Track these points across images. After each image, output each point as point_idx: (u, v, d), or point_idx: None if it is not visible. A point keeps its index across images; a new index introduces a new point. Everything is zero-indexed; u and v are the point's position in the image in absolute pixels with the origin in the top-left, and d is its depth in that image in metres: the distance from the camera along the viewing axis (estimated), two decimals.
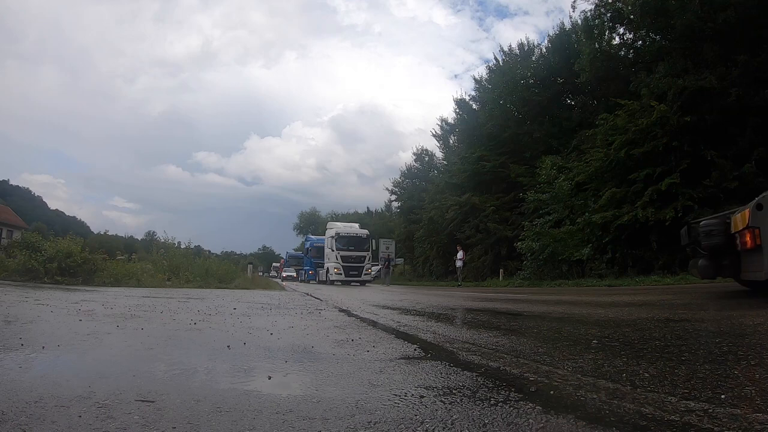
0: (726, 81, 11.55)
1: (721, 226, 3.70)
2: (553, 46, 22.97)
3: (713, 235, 3.76)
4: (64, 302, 4.94)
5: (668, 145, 12.28)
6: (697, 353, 1.96)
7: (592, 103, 20.13)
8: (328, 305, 5.82)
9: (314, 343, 2.55)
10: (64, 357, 2.13)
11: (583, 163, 15.33)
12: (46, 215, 65.99)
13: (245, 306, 5.26)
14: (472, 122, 26.52)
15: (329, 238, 22.71)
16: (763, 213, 3.38)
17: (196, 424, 1.18)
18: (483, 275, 21.76)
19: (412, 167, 40.16)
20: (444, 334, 2.88)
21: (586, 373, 1.68)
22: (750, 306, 3.59)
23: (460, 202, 24.28)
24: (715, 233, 3.75)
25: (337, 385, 1.62)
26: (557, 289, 10.95)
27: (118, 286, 10.02)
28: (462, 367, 1.89)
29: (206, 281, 11.91)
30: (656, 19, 13.40)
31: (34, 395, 1.39)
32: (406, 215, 36.08)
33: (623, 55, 16.94)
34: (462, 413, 1.27)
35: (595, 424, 1.15)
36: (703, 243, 3.93)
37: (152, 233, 43.47)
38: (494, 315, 4.26)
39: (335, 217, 52.58)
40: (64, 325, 3.14)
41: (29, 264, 10.34)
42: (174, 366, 1.91)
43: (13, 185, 76.30)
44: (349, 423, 1.20)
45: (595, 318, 3.41)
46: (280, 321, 3.73)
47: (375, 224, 40.94)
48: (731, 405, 1.25)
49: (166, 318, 3.74)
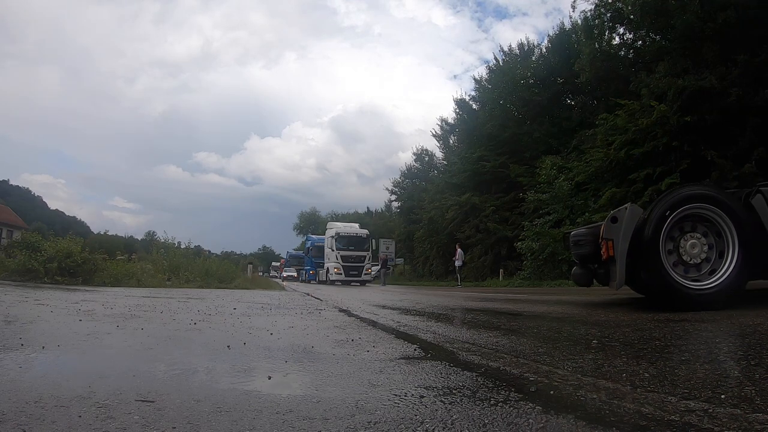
0: (726, 81, 11.55)
1: (590, 236, 3.85)
2: (553, 46, 23.00)
3: (581, 244, 3.93)
4: (64, 302, 4.94)
5: (668, 145, 12.30)
6: (697, 353, 1.96)
7: (592, 103, 20.15)
8: (328, 305, 5.82)
9: (314, 343, 2.55)
10: (64, 357, 2.12)
11: (583, 163, 15.35)
12: (46, 215, 66.11)
13: (245, 306, 5.26)
14: (472, 122, 26.55)
15: (329, 238, 22.75)
16: (617, 226, 3.50)
17: (196, 424, 1.18)
18: (483, 275, 21.77)
19: (412, 167, 40.22)
20: (444, 334, 2.88)
21: (586, 373, 1.68)
22: (750, 306, 3.59)
23: (460, 202, 24.30)
24: (582, 243, 3.91)
25: (337, 385, 1.62)
26: (557, 289, 10.95)
27: (118, 286, 10.02)
28: (462, 367, 1.89)
29: (206, 281, 11.92)
30: (656, 19, 13.40)
31: (34, 395, 1.39)
32: (406, 215, 36.12)
33: (623, 55, 16.96)
34: (462, 413, 1.27)
35: (595, 424, 1.15)
36: (573, 252, 4.09)
37: (152, 233, 43.53)
38: (494, 315, 4.26)
39: (335, 217, 52.63)
40: (64, 325, 3.14)
41: (29, 264, 10.34)
42: (174, 366, 1.91)
43: (13, 185, 76.47)
44: (349, 423, 1.20)
45: (595, 318, 3.40)
46: (280, 321, 3.73)
47: (375, 224, 40.96)
48: (731, 405, 1.24)
49: (166, 318, 3.74)
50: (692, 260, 3.48)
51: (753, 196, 3.46)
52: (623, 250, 3.43)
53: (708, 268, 3.49)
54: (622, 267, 3.42)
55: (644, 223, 3.46)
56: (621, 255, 3.44)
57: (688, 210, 3.48)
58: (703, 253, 3.49)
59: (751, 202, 3.45)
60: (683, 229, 3.56)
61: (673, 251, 3.51)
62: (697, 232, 3.53)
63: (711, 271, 3.47)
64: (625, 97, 13.85)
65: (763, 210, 3.40)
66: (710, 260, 3.49)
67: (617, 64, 16.53)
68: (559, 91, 22.41)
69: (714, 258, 3.50)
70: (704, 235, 3.52)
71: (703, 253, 3.49)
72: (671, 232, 3.52)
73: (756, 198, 3.45)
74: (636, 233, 3.47)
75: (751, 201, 3.46)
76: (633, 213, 3.51)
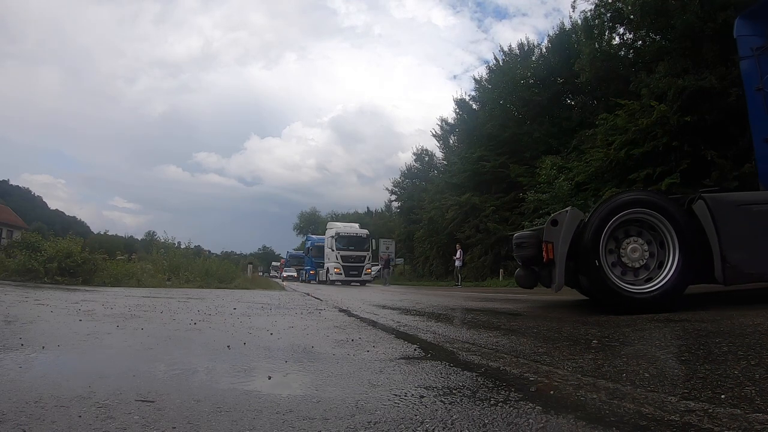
0: (726, 81, 11.53)
1: (533, 238, 3.89)
2: (553, 46, 22.97)
3: (524, 247, 3.96)
4: (64, 302, 4.94)
5: (668, 145, 12.28)
6: (697, 353, 1.96)
7: (592, 103, 20.13)
8: (328, 305, 5.82)
9: (314, 343, 2.55)
10: (64, 357, 2.13)
11: (583, 163, 15.33)
12: (46, 215, 66.09)
13: (245, 306, 5.26)
14: (472, 122, 26.51)
15: (329, 238, 22.75)
16: (557, 229, 3.54)
17: (196, 424, 1.18)
18: (483, 275, 21.75)
19: (412, 167, 40.17)
20: (444, 334, 2.88)
21: (586, 373, 1.68)
22: (750, 306, 3.59)
23: (460, 202, 24.27)
24: (525, 245, 3.94)
25: (337, 385, 1.62)
26: None
27: (118, 286, 10.02)
28: (462, 367, 1.89)
29: (206, 281, 11.92)
30: (656, 19, 13.39)
31: (34, 395, 1.39)
32: (406, 215, 36.08)
33: (623, 55, 16.94)
34: (462, 413, 1.27)
35: (595, 424, 1.15)
36: (516, 254, 4.12)
37: (152, 233, 43.46)
38: (494, 315, 4.26)
39: (335, 217, 52.59)
40: (64, 325, 3.14)
41: (29, 264, 10.34)
42: (174, 366, 1.91)
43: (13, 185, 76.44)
44: (349, 423, 1.20)
45: (595, 318, 3.40)
46: (280, 321, 3.73)
47: (375, 224, 40.93)
48: (731, 405, 1.25)
49: (166, 318, 3.74)
50: (632, 264, 3.53)
51: (695, 203, 3.51)
52: (563, 253, 3.48)
53: (647, 273, 3.54)
54: (562, 269, 3.47)
55: (585, 227, 3.50)
56: (561, 258, 3.48)
57: (628, 215, 3.52)
58: (644, 258, 3.53)
59: (693, 209, 3.50)
60: (628, 233, 3.60)
61: (614, 254, 3.55)
62: (641, 237, 3.57)
63: (650, 277, 3.52)
64: (625, 97, 13.83)
65: (704, 216, 3.44)
66: (649, 267, 3.54)
67: (617, 64, 16.51)
68: (559, 91, 22.39)
69: (655, 263, 3.54)
70: (647, 242, 3.56)
71: (643, 258, 3.53)
72: (615, 235, 3.57)
73: (698, 204, 3.49)
74: (577, 237, 3.51)
75: (693, 207, 3.51)
76: (573, 217, 3.56)
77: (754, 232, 3.46)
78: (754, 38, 5.69)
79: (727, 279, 3.36)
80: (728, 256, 3.35)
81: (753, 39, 5.71)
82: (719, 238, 3.36)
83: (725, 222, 3.42)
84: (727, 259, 3.35)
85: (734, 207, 3.54)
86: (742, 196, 4.09)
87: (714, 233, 3.38)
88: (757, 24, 5.70)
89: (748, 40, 5.79)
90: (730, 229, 3.41)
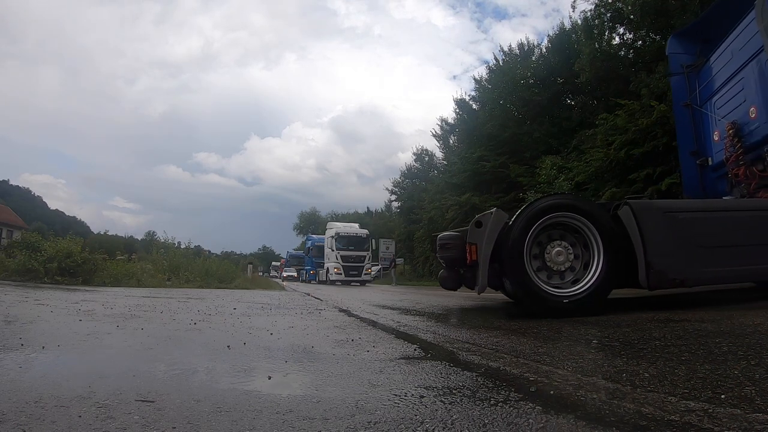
0: None
1: (457, 239, 3.87)
2: (553, 46, 22.96)
3: (448, 248, 3.93)
4: (64, 302, 4.94)
5: (668, 145, 12.25)
6: (697, 353, 1.96)
7: (592, 103, 20.12)
8: (328, 305, 5.82)
9: (314, 343, 2.55)
10: (64, 357, 2.13)
11: (583, 163, 15.32)
12: (46, 215, 66.14)
13: (245, 306, 5.26)
14: (472, 122, 26.51)
15: (329, 238, 22.78)
16: (481, 230, 3.53)
17: (196, 424, 1.18)
18: None
19: (412, 167, 40.17)
20: (444, 334, 2.88)
21: (586, 373, 1.68)
22: (750, 306, 3.59)
23: (460, 202, 24.26)
24: (450, 246, 3.91)
25: (337, 385, 1.62)
26: None
27: (118, 286, 10.03)
28: (462, 367, 1.89)
29: (206, 281, 11.93)
30: (656, 19, 13.39)
31: (34, 395, 1.39)
32: (406, 215, 36.07)
33: (623, 55, 16.94)
34: (462, 413, 1.27)
35: (595, 424, 1.15)
36: (440, 255, 4.10)
37: (152, 233, 43.52)
38: (494, 315, 4.26)
39: (335, 217, 52.63)
40: (64, 325, 3.14)
41: (29, 264, 10.35)
42: (174, 366, 1.91)
43: (13, 185, 76.55)
44: (349, 423, 1.20)
45: (595, 318, 3.40)
46: (280, 321, 3.73)
47: (375, 224, 40.93)
48: (731, 405, 1.25)
49: (166, 318, 3.74)
50: (557, 267, 3.53)
51: (620, 208, 3.53)
52: (486, 255, 3.47)
53: (572, 276, 3.55)
54: (485, 271, 3.45)
55: (510, 228, 3.50)
56: (484, 259, 3.47)
57: (554, 218, 3.53)
58: (568, 261, 3.54)
59: (618, 214, 3.52)
60: (552, 237, 3.60)
61: (538, 257, 3.55)
62: (565, 240, 3.58)
63: (575, 280, 3.53)
64: (625, 97, 13.83)
65: (629, 222, 3.46)
66: (575, 269, 3.55)
67: (617, 64, 16.51)
68: (559, 91, 22.39)
69: (579, 266, 3.55)
70: (572, 245, 3.57)
71: (568, 262, 3.54)
72: (539, 239, 3.57)
73: (623, 210, 3.51)
74: (501, 239, 3.51)
75: (618, 213, 3.53)
76: (498, 218, 3.55)
77: (678, 239, 3.51)
78: (685, 56, 5.88)
79: (651, 284, 3.41)
80: (653, 262, 3.39)
81: (683, 57, 5.90)
82: (644, 244, 3.40)
83: (650, 228, 3.46)
84: (652, 264, 3.39)
85: (660, 214, 3.59)
86: (668, 204, 4.20)
87: (639, 239, 3.41)
88: (689, 43, 5.85)
89: (679, 58, 5.97)
90: (655, 235, 3.45)
